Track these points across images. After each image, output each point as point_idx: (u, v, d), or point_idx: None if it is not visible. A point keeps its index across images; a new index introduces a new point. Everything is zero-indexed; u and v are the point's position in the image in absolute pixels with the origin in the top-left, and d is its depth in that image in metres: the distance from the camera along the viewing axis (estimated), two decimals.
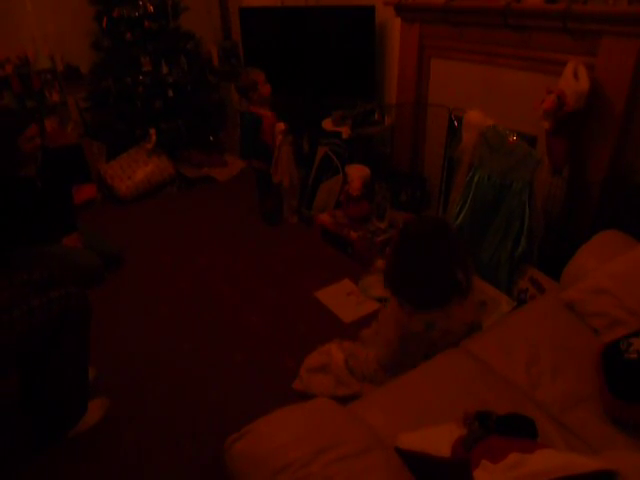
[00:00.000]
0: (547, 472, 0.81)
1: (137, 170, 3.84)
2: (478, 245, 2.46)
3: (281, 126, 3.13)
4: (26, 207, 2.56)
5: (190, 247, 3.21)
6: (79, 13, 3.87)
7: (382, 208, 3.05)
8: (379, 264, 2.81)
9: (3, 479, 1.69)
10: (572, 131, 2.21)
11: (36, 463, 1.78)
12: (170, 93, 3.93)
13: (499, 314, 2.24)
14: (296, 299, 2.63)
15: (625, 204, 2.17)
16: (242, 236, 3.32)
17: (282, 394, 1.99)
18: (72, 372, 1.78)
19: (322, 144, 3.42)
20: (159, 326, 2.48)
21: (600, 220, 2.23)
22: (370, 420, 1.25)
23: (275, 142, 3.18)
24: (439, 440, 1.13)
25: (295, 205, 3.47)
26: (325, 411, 1.17)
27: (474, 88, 2.81)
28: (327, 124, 3.39)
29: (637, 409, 1.30)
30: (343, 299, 2.60)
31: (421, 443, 1.13)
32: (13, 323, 1.57)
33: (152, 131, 3.85)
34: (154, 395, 2.06)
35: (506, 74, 2.61)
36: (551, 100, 2.07)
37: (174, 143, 4.09)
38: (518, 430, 1.05)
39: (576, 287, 1.75)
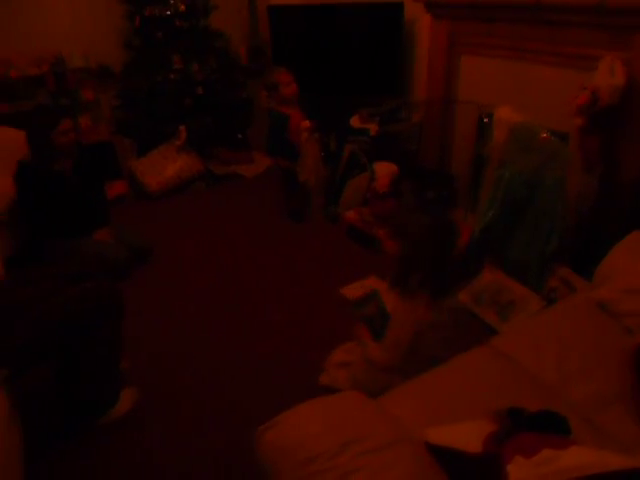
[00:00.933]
0: (581, 468, 0.80)
1: (167, 166, 3.91)
2: (507, 243, 2.44)
3: (306, 124, 3.13)
4: (62, 200, 2.64)
5: (217, 242, 3.25)
6: (112, 13, 3.96)
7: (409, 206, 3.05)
8: None
9: (34, 459, 1.75)
10: (605, 128, 2.17)
11: (67, 447, 1.83)
12: (199, 91, 3.98)
13: (528, 313, 2.22)
14: (322, 295, 2.64)
15: None
16: (268, 232, 3.35)
17: (307, 388, 1.99)
18: (105, 362, 1.83)
19: (349, 141, 3.43)
20: (186, 320, 2.52)
21: (633, 219, 2.18)
22: (398, 413, 1.25)
23: (300, 140, 3.19)
24: (469, 436, 1.12)
25: (321, 203, 3.48)
26: (354, 404, 1.18)
27: (505, 85, 2.78)
28: (355, 121, 3.39)
29: None
30: None
31: (450, 438, 1.13)
32: (50, 312, 1.62)
33: (182, 128, 3.91)
34: (182, 387, 2.10)
35: (537, 70, 2.57)
36: (585, 96, 2.03)
37: (203, 140, 4.15)
38: (551, 427, 1.03)
39: (609, 286, 1.72)
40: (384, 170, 3.12)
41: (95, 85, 4.09)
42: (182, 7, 3.79)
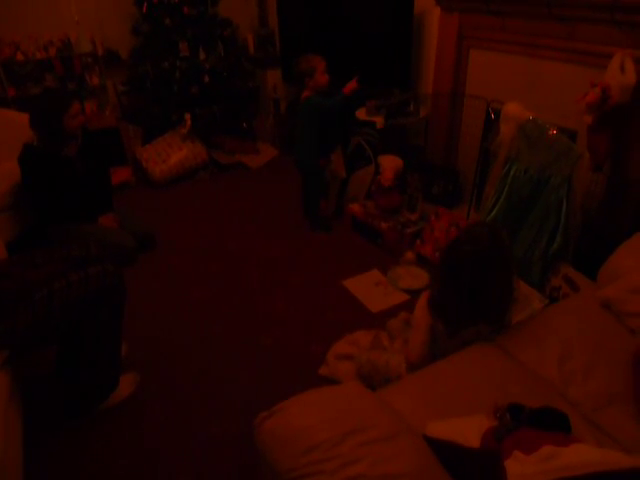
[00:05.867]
0: (583, 466, 0.80)
1: (171, 154, 3.90)
2: (511, 240, 2.42)
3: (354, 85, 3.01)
4: (66, 184, 2.64)
5: (221, 231, 3.25)
6: None
7: (413, 200, 3.03)
8: (408, 256, 2.80)
9: (33, 442, 1.76)
10: (615, 126, 2.15)
11: (66, 431, 1.85)
12: (206, 79, 3.96)
13: (530, 311, 2.21)
14: (324, 287, 2.64)
15: None
16: (272, 223, 3.34)
17: (307, 378, 2.01)
18: (106, 347, 1.83)
19: (355, 133, 3.40)
20: (189, 307, 2.52)
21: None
22: (398, 407, 1.25)
23: None
24: (468, 431, 1.12)
25: (335, 197, 3.40)
26: (355, 395, 1.17)
27: (514, 80, 2.75)
28: (361, 114, 3.37)
29: None
30: (371, 289, 2.60)
31: (450, 432, 1.13)
32: (52, 296, 1.62)
33: (187, 116, 3.90)
34: (182, 373, 2.10)
35: (548, 66, 2.54)
36: (595, 93, 2.01)
37: (208, 129, 4.13)
38: (551, 424, 1.03)
39: (614, 286, 1.71)
40: (389, 163, 3.10)
41: (102, 70, 4.07)
42: None
